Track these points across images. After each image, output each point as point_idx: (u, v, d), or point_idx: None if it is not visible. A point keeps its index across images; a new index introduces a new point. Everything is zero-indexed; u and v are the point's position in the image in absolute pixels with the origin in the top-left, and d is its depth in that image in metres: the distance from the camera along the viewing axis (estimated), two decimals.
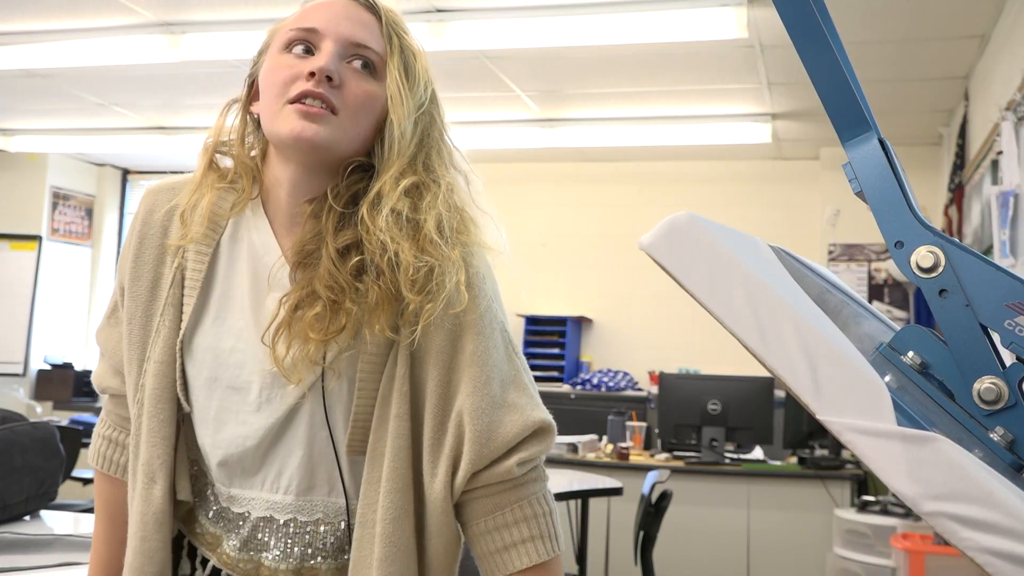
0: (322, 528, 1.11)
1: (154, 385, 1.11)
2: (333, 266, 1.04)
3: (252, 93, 1.15)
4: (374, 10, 1.11)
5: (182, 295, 1.13)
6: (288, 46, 1.08)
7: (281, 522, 1.11)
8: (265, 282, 1.10)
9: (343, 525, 1.11)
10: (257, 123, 1.14)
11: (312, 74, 1.04)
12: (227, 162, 1.16)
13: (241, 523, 1.13)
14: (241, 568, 1.13)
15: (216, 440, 1.11)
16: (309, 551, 1.11)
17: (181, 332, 1.12)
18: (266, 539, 1.11)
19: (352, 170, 1.09)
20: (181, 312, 1.13)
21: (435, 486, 1.06)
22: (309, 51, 1.07)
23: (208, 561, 1.17)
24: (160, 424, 1.11)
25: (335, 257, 1.04)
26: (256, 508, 1.12)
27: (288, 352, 1.05)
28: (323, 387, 1.07)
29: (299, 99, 1.04)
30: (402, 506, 1.06)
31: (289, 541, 1.11)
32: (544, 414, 1.10)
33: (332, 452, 1.09)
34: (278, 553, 1.11)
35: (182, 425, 1.14)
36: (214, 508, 1.16)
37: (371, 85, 1.08)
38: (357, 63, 1.07)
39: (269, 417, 1.09)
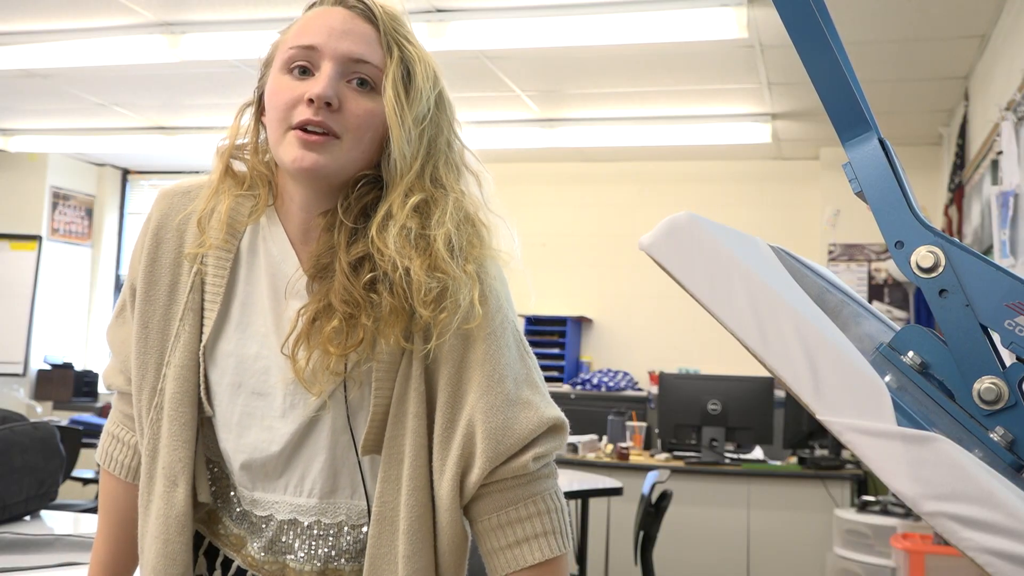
0: (345, 530, 1.12)
1: (175, 389, 1.12)
2: (347, 280, 1.05)
3: (262, 104, 1.14)
4: (373, 20, 1.09)
5: (202, 300, 1.13)
6: (288, 66, 1.08)
7: (305, 524, 1.12)
8: (283, 291, 1.11)
9: (365, 528, 1.12)
10: None
11: (311, 100, 1.03)
12: (242, 166, 1.16)
13: (264, 526, 1.13)
14: (267, 570, 1.14)
15: (239, 444, 1.12)
16: (333, 553, 1.12)
17: (204, 338, 1.12)
18: (291, 541, 1.12)
19: (362, 183, 1.09)
20: (201, 317, 1.13)
21: (443, 483, 1.07)
22: (308, 71, 1.07)
23: (231, 562, 1.17)
24: (181, 428, 1.12)
25: (348, 271, 1.05)
26: (280, 511, 1.12)
27: (308, 364, 1.06)
28: (345, 394, 1.08)
29: (300, 127, 1.04)
30: (425, 503, 1.07)
31: (314, 543, 1.12)
32: (558, 411, 1.11)
33: (354, 455, 1.10)
34: (303, 555, 1.12)
35: (201, 428, 1.15)
36: (238, 510, 1.17)
37: (372, 102, 1.07)
38: (356, 81, 1.07)
39: (293, 423, 1.10)
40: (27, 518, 2.23)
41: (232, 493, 1.17)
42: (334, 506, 1.11)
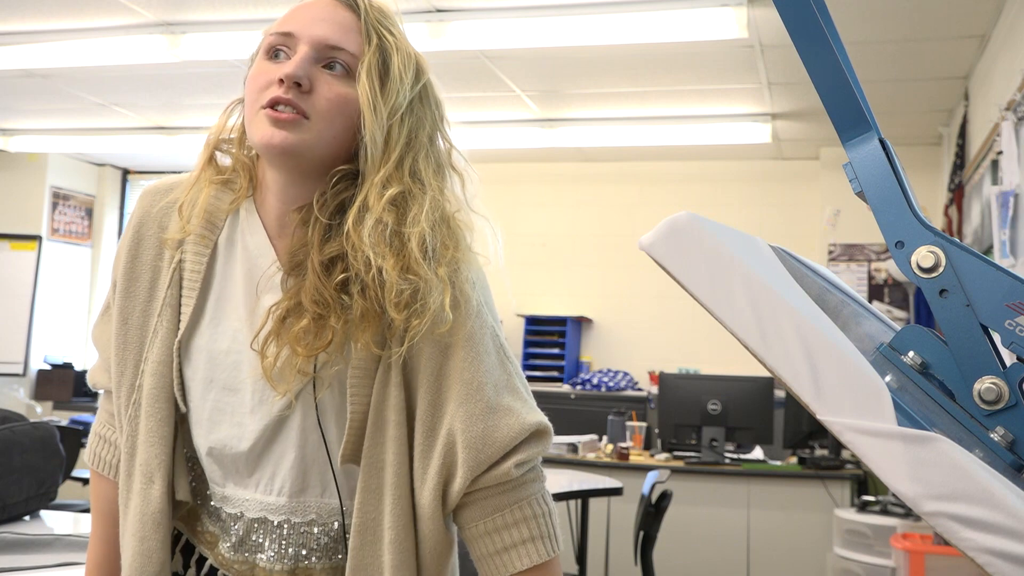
0: (316, 529, 1.11)
1: (152, 385, 1.11)
2: (318, 280, 1.04)
3: None
4: (355, 8, 1.09)
5: (180, 296, 1.13)
6: (267, 52, 1.09)
7: (275, 523, 1.11)
8: (259, 286, 1.10)
9: (336, 525, 1.12)
10: None
11: (282, 80, 1.04)
12: (226, 160, 1.16)
13: (234, 524, 1.13)
14: (236, 569, 1.13)
15: (210, 440, 1.12)
16: (303, 552, 1.11)
17: (179, 333, 1.12)
18: (260, 540, 1.11)
19: (339, 178, 1.08)
20: (179, 313, 1.13)
21: (424, 492, 1.06)
22: (285, 55, 1.07)
23: (205, 560, 1.17)
24: (158, 424, 1.11)
25: (320, 270, 1.04)
26: (250, 509, 1.12)
27: (276, 362, 1.05)
28: (314, 393, 1.07)
29: (270, 105, 1.04)
30: (409, 512, 1.06)
31: (284, 542, 1.11)
32: (540, 416, 1.10)
33: (324, 454, 1.09)
34: (272, 554, 1.11)
35: (180, 425, 1.14)
36: (212, 507, 1.16)
37: (344, 88, 1.06)
38: (330, 66, 1.07)
39: (262, 420, 1.09)
40: (27, 518, 2.23)
41: (208, 491, 1.16)
42: (304, 505, 1.11)
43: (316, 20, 1.07)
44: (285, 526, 1.11)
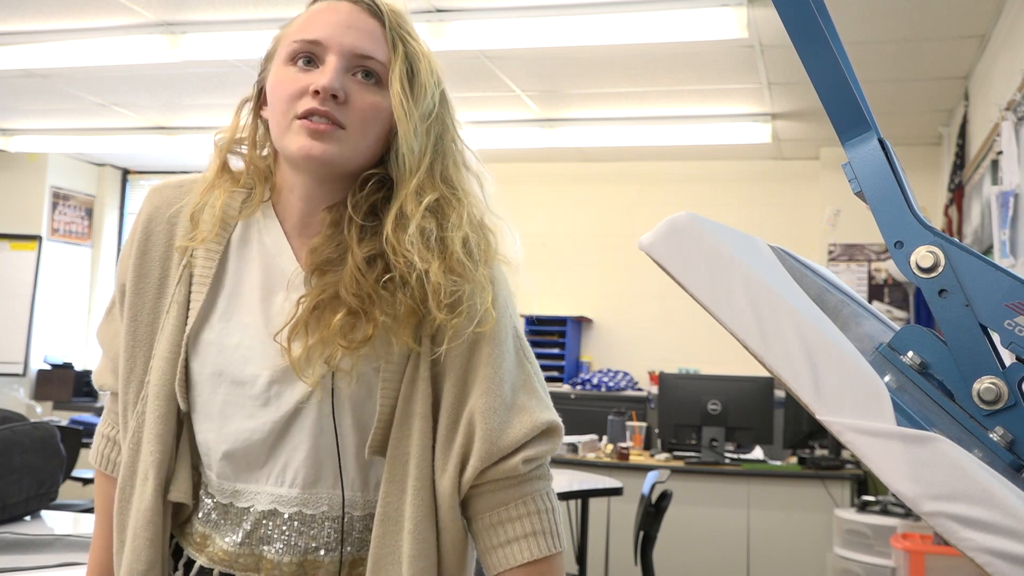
0: (326, 521, 1.12)
1: (156, 382, 1.12)
2: (360, 274, 1.06)
3: (261, 99, 1.16)
4: (378, 15, 1.10)
5: (189, 293, 1.14)
6: (292, 59, 1.09)
7: (286, 516, 1.11)
8: (277, 282, 1.11)
9: (348, 518, 1.12)
10: (267, 126, 1.15)
11: (317, 92, 1.04)
12: (238, 162, 1.17)
13: (244, 518, 1.12)
14: (241, 563, 1.12)
15: (222, 434, 1.12)
16: (313, 544, 1.11)
17: (188, 328, 1.12)
18: (270, 533, 1.11)
19: (370, 182, 1.10)
20: (187, 309, 1.13)
21: (444, 482, 1.08)
22: (313, 62, 1.07)
23: (194, 563, 1.16)
24: (156, 420, 1.12)
25: (362, 266, 1.06)
26: (261, 502, 1.12)
27: (305, 353, 1.06)
28: (332, 385, 1.09)
29: (306, 116, 1.05)
30: (429, 503, 1.08)
31: (294, 534, 1.11)
32: (552, 415, 1.13)
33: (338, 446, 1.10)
34: (281, 546, 1.11)
35: (185, 424, 1.14)
36: (208, 506, 1.15)
37: (377, 96, 1.08)
38: (361, 74, 1.08)
39: (276, 412, 1.10)
40: (27, 518, 2.23)
41: (202, 491, 1.16)
42: (316, 496, 1.11)
43: (344, 27, 1.08)
44: (296, 519, 1.11)
